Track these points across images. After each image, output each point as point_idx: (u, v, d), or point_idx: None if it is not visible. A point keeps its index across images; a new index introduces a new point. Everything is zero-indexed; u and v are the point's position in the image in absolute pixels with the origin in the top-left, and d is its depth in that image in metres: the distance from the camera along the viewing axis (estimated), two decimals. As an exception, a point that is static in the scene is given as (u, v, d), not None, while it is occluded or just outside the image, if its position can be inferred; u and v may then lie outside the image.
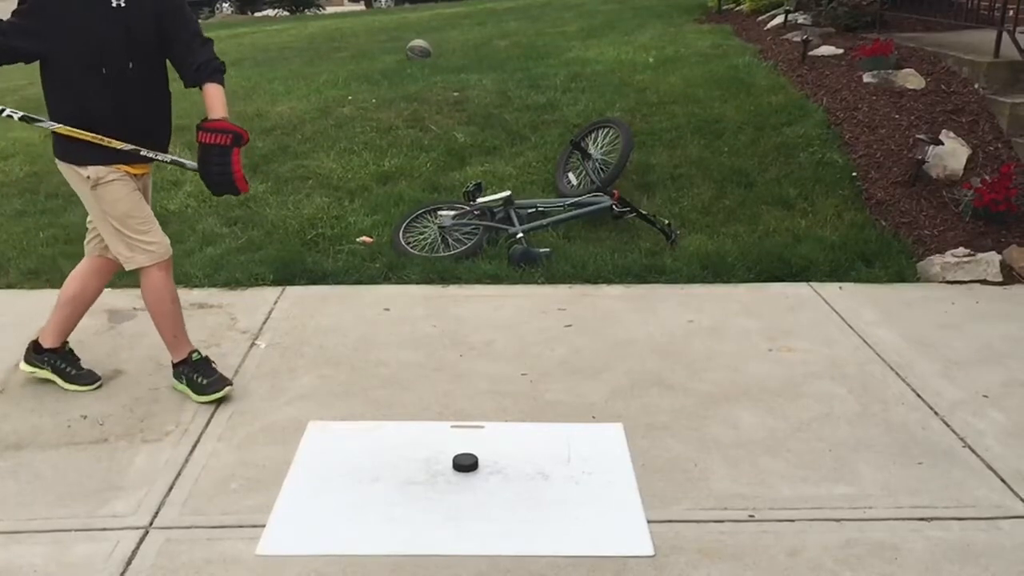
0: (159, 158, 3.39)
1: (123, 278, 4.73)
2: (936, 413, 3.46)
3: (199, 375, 3.51)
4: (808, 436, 3.29)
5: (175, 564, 2.61)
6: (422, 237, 5.15)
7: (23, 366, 3.67)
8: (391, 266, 4.84)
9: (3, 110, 3.37)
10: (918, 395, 3.59)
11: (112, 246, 3.41)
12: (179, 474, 3.05)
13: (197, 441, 3.25)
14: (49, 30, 3.13)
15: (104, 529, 2.76)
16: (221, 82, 3.33)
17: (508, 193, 5.22)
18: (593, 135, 5.82)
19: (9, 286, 4.73)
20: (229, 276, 4.74)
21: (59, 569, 2.59)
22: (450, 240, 5.12)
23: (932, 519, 2.82)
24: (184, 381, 3.54)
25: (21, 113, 3.39)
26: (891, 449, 3.20)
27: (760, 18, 9.19)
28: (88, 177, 3.28)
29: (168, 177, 6.02)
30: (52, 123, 3.27)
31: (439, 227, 5.15)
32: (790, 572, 2.58)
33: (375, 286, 4.71)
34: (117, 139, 3.24)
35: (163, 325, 3.53)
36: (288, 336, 4.10)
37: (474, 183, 5.38)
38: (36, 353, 3.65)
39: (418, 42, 9.32)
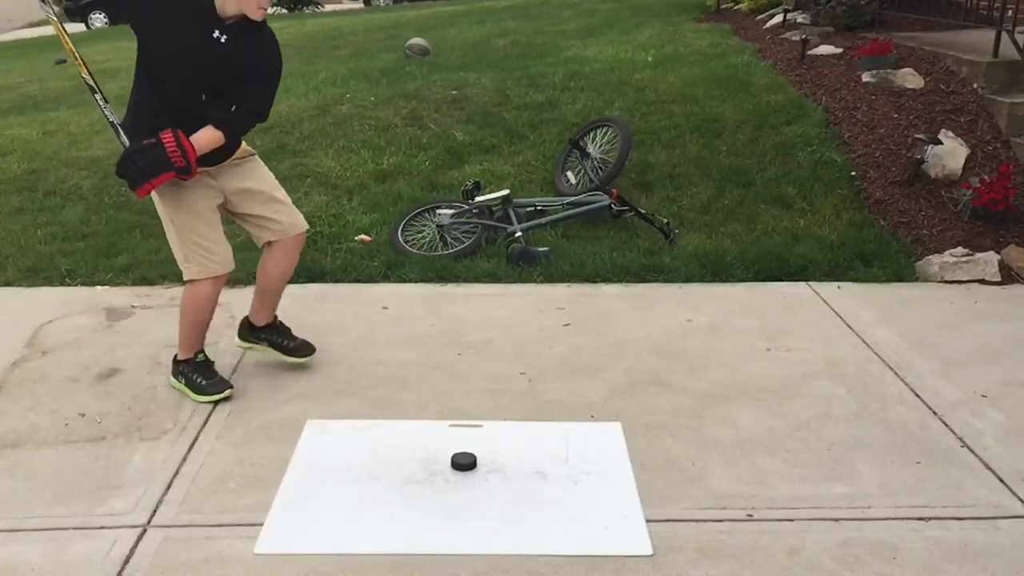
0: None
1: (121, 275, 4.75)
2: (935, 413, 3.46)
3: (200, 376, 3.50)
4: (807, 436, 3.29)
5: (173, 563, 2.60)
6: (420, 236, 5.15)
7: (238, 342, 3.72)
8: (389, 265, 4.84)
9: (106, 109, 3.30)
10: (917, 395, 3.59)
11: (173, 250, 3.41)
12: (177, 472, 3.04)
13: (195, 439, 3.24)
14: (146, 22, 3.12)
15: (102, 528, 2.76)
16: (224, 135, 3.23)
17: (507, 192, 5.22)
18: (592, 134, 5.82)
19: (7, 283, 4.72)
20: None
21: (57, 568, 2.59)
22: (449, 239, 5.12)
23: (931, 519, 2.82)
24: (183, 380, 3.53)
25: (113, 119, 3.30)
26: (890, 449, 3.20)
27: (759, 17, 9.19)
28: None
29: (166, 175, 6.01)
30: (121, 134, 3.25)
31: (438, 226, 5.15)
32: (789, 571, 2.58)
33: (373, 285, 4.70)
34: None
35: (188, 327, 3.52)
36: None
37: (473, 182, 5.38)
38: (252, 330, 3.69)
39: (417, 40, 9.31)
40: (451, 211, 5.18)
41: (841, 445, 3.22)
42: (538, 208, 5.31)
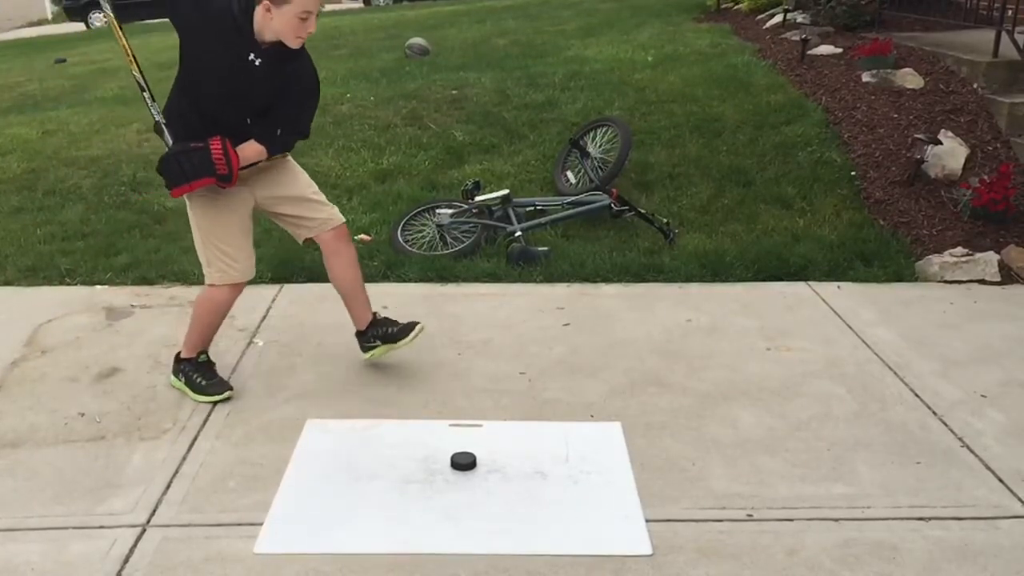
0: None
1: (121, 274, 4.75)
2: (934, 413, 3.45)
3: (200, 376, 3.50)
4: (806, 435, 3.29)
5: (172, 562, 2.60)
6: (420, 235, 5.14)
7: (364, 356, 3.69)
8: (389, 264, 4.84)
9: (151, 104, 3.28)
10: (916, 395, 3.59)
11: (197, 251, 3.43)
12: (177, 472, 3.04)
13: (195, 439, 3.24)
14: (186, 37, 3.14)
15: (101, 527, 2.76)
16: (267, 149, 3.28)
17: (507, 191, 5.21)
18: (592, 134, 5.82)
19: (6, 283, 4.72)
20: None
21: (56, 567, 2.58)
22: (448, 238, 5.12)
23: (931, 519, 2.82)
24: (183, 379, 3.53)
25: (159, 118, 3.26)
26: (889, 449, 3.20)
27: (759, 17, 9.18)
28: None
29: (166, 174, 6.01)
30: (166, 133, 3.24)
31: (437, 225, 5.14)
32: (788, 571, 2.58)
33: (373, 284, 4.67)
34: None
35: (198, 328, 3.53)
36: (286, 334, 4.09)
37: (472, 181, 5.38)
38: (363, 336, 3.68)
39: (417, 40, 9.31)
40: (451, 211, 5.18)
41: (841, 445, 3.22)
42: (538, 208, 5.31)
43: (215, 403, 3.45)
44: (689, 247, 5.02)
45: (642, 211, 5.23)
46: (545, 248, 4.94)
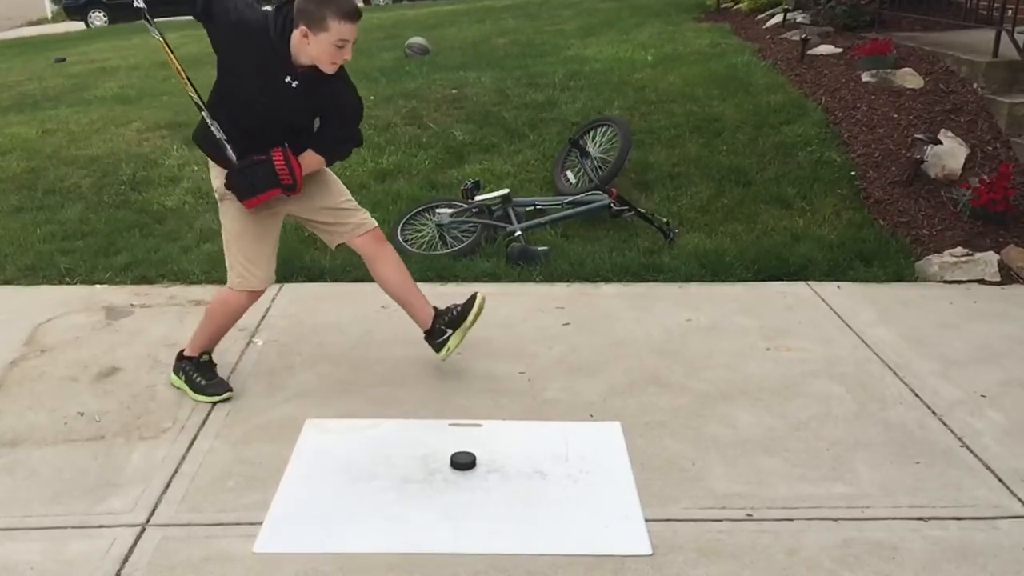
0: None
1: (120, 274, 4.74)
2: (934, 413, 3.45)
3: (200, 376, 3.50)
4: (806, 435, 3.29)
5: (172, 562, 2.60)
6: (420, 235, 5.14)
7: (440, 354, 3.64)
8: (389, 264, 4.83)
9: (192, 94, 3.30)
10: (916, 395, 3.59)
11: (225, 255, 3.45)
12: (176, 471, 3.04)
13: (194, 438, 3.24)
14: (223, 56, 3.16)
15: (101, 526, 2.76)
16: (326, 160, 3.40)
17: (506, 191, 5.21)
18: (592, 133, 5.81)
19: (6, 282, 4.72)
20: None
21: (56, 566, 2.58)
22: (448, 238, 5.12)
23: (930, 519, 2.82)
24: (183, 378, 3.53)
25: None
26: (889, 449, 3.20)
27: (759, 17, 9.18)
28: (217, 190, 3.34)
29: (166, 174, 6.01)
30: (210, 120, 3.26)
31: (437, 225, 5.14)
32: (788, 571, 2.58)
33: (373, 284, 4.67)
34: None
35: (208, 329, 3.54)
36: (286, 334, 4.09)
37: (472, 181, 5.37)
38: (432, 334, 3.64)
39: (416, 39, 9.30)
40: (451, 210, 5.17)
41: (840, 445, 3.22)
42: (538, 207, 5.30)
43: (214, 403, 3.45)
44: (689, 247, 5.02)
45: (642, 211, 5.23)
46: (545, 248, 4.94)
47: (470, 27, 10.82)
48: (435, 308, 3.64)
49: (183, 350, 3.58)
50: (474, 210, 5.14)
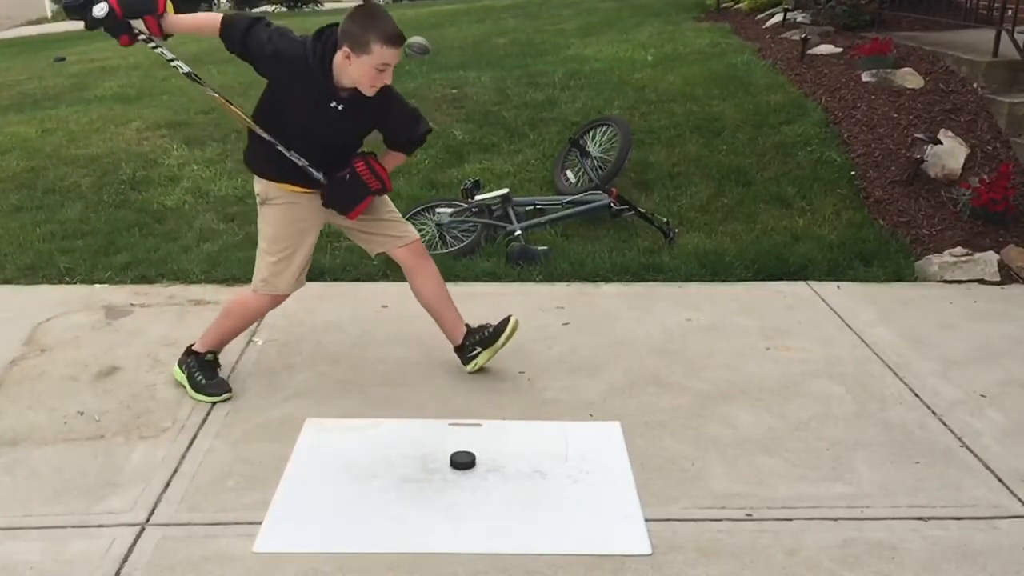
0: (292, 157, 3.29)
1: (120, 273, 4.74)
2: (934, 413, 3.45)
3: (201, 374, 3.50)
4: (806, 435, 3.29)
5: (171, 561, 2.60)
6: (420, 234, 5.12)
7: (467, 367, 3.69)
8: (389, 263, 4.80)
9: (171, 59, 3.32)
10: (916, 394, 3.59)
11: (257, 258, 3.46)
12: (176, 471, 3.04)
13: (194, 438, 3.24)
14: (273, 82, 3.21)
15: (100, 526, 2.75)
16: (409, 152, 3.55)
17: (506, 191, 5.21)
18: (592, 133, 5.81)
19: (6, 281, 4.72)
20: (227, 272, 4.73)
21: (55, 566, 2.58)
22: (448, 237, 5.11)
23: (930, 519, 2.82)
24: (185, 372, 3.53)
25: (188, 69, 3.33)
26: (889, 448, 3.20)
27: (759, 16, 9.18)
28: (259, 193, 3.37)
29: (166, 174, 6.01)
30: (215, 92, 3.32)
31: (437, 224, 5.14)
32: (788, 571, 2.58)
33: (373, 283, 4.70)
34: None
35: (223, 328, 3.55)
36: (285, 333, 4.08)
37: (472, 180, 5.37)
38: (463, 350, 3.68)
39: (416, 39, 9.29)
40: (450, 210, 5.17)
41: (840, 445, 3.22)
42: (537, 207, 5.30)
43: (213, 403, 3.45)
44: (689, 246, 5.02)
45: (642, 210, 5.23)
46: (545, 247, 4.94)
47: (470, 26, 10.81)
48: (467, 325, 3.66)
49: (192, 344, 3.58)
50: (474, 210, 5.14)
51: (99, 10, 3.08)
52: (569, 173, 5.70)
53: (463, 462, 3.04)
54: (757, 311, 4.36)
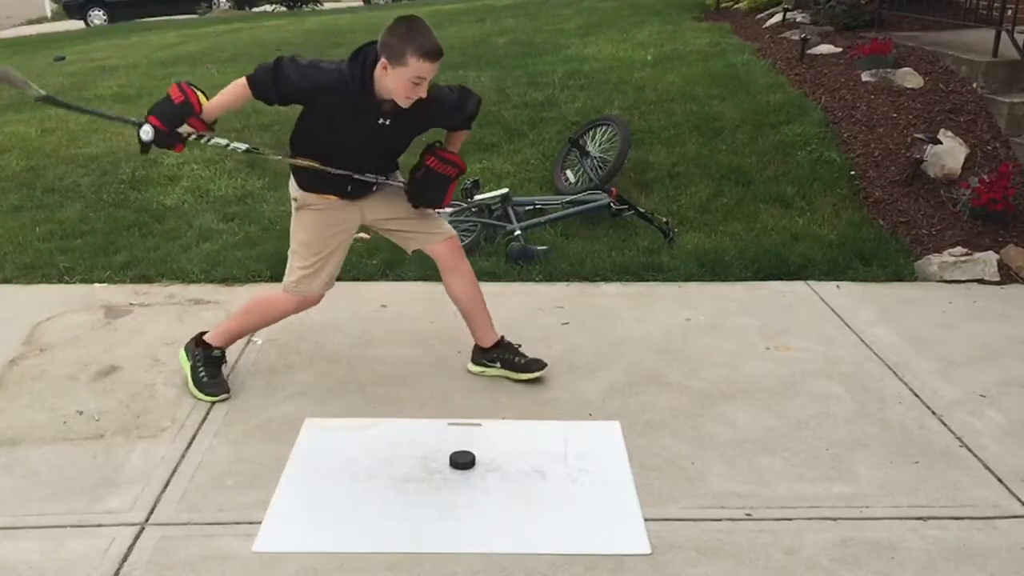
0: (369, 178, 3.36)
1: (119, 273, 4.74)
2: (933, 412, 3.46)
3: (205, 370, 3.50)
4: (805, 435, 3.29)
5: (171, 560, 2.60)
6: (419, 234, 5.13)
7: (471, 367, 3.68)
8: (388, 263, 4.83)
9: (227, 144, 3.39)
10: (915, 394, 3.59)
11: (289, 260, 3.47)
12: (175, 470, 3.04)
13: (193, 437, 3.24)
14: (315, 110, 3.21)
15: (100, 525, 2.75)
16: (469, 128, 3.53)
17: (506, 190, 5.21)
18: (591, 133, 5.81)
19: (5, 281, 4.72)
20: (226, 272, 4.73)
21: (54, 565, 2.58)
22: (448, 237, 5.11)
23: (929, 518, 2.82)
24: (190, 362, 3.53)
25: (246, 146, 3.46)
26: (888, 448, 3.20)
27: (758, 16, 9.18)
28: (295, 198, 3.38)
29: (165, 173, 6.01)
30: (277, 155, 3.41)
31: (437, 224, 5.13)
32: (787, 571, 2.58)
33: (372, 283, 4.70)
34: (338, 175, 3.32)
35: (243, 324, 3.56)
36: (285, 332, 4.08)
37: (472, 180, 5.37)
38: (484, 353, 3.67)
39: (416, 38, 9.28)
40: (450, 209, 5.16)
41: (840, 444, 3.22)
42: (537, 207, 5.30)
43: (211, 403, 3.45)
44: (688, 246, 5.02)
45: (641, 210, 5.23)
46: (544, 247, 4.94)
47: (470, 26, 10.80)
48: (502, 337, 3.66)
49: (204, 333, 3.58)
50: (473, 209, 5.14)
51: (146, 134, 3.11)
52: (569, 173, 5.70)
53: (463, 462, 3.04)
54: (757, 311, 4.37)
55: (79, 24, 23.29)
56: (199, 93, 3.15)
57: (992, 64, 6.24)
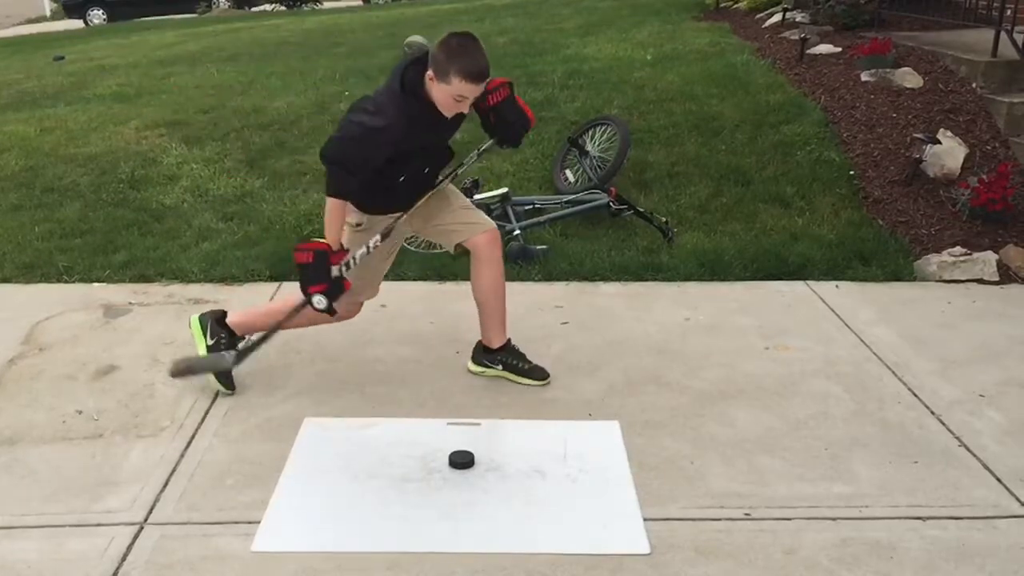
0: (456, 171, 3.47)
1: (118, 272, 4.74)
2: (933, 412, 3.46)
3: (228, 351, 3.49)
4: (804, 435, 3.29)
5: (170, 560, 2.60)
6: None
7: (471, 366, 3.70)
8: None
9: (371, 247, 3.41)
10: (915, 394, 3.59)
11: None
12: (174, 470, 3.04)
13: (192, 437, 3.24)
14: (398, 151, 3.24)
15: (99, 525, 2.75)
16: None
17: (505, 190, 5.21)
18: (591, 132, 5.81)
19: (4, 280, 4.72)
20: (225, 272, 4.73)
21: (53, 565, 2.58)
22: (447, 237, 5.11)
23: (928, 518, 2.82)
24: (207, 332, 3.54)
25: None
26: (887, 448, 3.20)
27: (758, 16, 9.18)
28: (359, 224, 3.40)
29: (164, 172, 6.01)
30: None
31: (436, 223, 5.13)
32: (786, 570, 2.58)
33: (372, 282, 4.69)
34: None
35: (272, 321, 3.53)
36: (285, 332, 4.07)
37: (471, 180, 5.37)
38: (487, 354, 3.66)
39: (416, 38, 9.27)
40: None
41: (839, 444, 3.22)
42: (536, 206, 5.30)
43: (214, 397, 3.45)
44: (688, 246, 5.02)
45: (641, 210, 5.23)
46: (544, 247, 4.94)
47: (469, 26, 10.79)
48: (509, 340, 3.67)
49: (225, 313, 3.60)
50: (473, 209, 5.13)
51: (320, 303, 3.22)
52: (568, 172, 5.70)
53: (462, 461, 3.04)
54: (756, 310, 4.37)
55: (78, 23, 23.29)
56: (312, 240, 3.25)
57: (991, 64, 6.24)
